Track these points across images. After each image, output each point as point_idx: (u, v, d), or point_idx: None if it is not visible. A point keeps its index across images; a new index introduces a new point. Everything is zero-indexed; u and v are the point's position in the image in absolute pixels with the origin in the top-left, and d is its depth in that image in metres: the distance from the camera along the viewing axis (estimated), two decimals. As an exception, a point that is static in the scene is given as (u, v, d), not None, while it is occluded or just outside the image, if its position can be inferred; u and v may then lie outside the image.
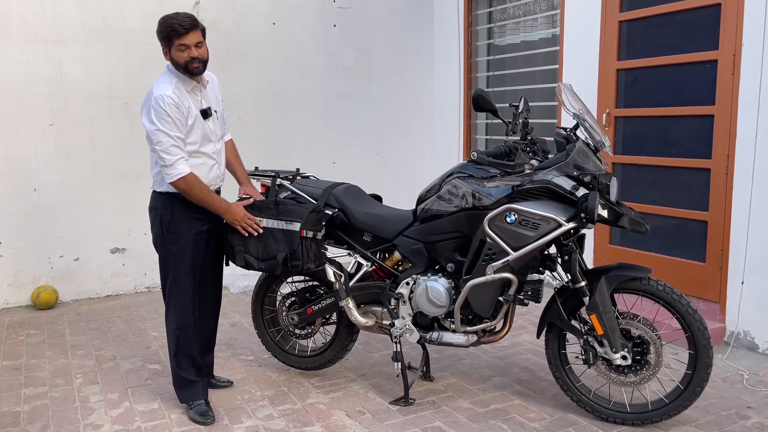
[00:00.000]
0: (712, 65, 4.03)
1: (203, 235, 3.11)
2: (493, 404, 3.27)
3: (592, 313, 2.91)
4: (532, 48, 5.52)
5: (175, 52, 2.90)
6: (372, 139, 6.26)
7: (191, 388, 3.19)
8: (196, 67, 2.93)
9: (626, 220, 2.85)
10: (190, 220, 3.05)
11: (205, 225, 3.11)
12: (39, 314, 4.85)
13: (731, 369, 3.66)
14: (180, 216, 3.04)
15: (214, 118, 3.08)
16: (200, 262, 3.13)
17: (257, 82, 5.68)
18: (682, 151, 4.29)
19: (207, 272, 3.26)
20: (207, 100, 3.08)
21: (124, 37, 5.12)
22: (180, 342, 3.16)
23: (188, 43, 2.88)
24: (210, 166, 3.07)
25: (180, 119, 2.89)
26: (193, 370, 3.19)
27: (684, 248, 4.29)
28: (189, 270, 3.10)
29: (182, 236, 3.06)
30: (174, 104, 2.87)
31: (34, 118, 4.93)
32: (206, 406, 3.17)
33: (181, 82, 2.96)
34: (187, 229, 3.06)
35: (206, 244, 3.15)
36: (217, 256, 3.29)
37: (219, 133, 3.15)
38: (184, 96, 2.95)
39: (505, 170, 2.98)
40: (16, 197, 4.93)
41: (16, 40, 4.82)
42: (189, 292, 3.12)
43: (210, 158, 3.06)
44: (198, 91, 3.03)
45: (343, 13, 6.00)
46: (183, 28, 2.85)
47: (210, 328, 3.43)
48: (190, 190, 2.94)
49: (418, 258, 3.23)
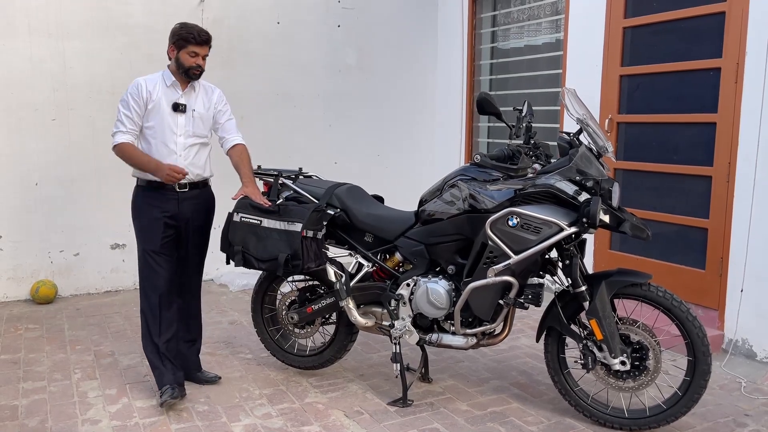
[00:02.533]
0: (716, 73, 4.05)
1: (159, 222, 3.24)
2: (491, 407, 3.28)
3: (591, 318, 2.91)
4: (536, 52, 5.53)
5: (184, 55, 3.20)
6: (374, 139, 6.26)
7: (157, 372, 3.29)
8: (196, 73, 3.25)
9: (627, 226, 2.86)
10: (146, 206, 3.28)
11: (161, 213, 3.25)
12: (38, 308, 4.84)
13: (729, 376, 3.67)
14: (140, 201, 3.31)
15: (189, 117, 3.27)
16: (156, 248, 3.25)
17: (260, 80, 5.68)
18: (684, 158, 4.30)
19: (183, 266, 3.40)
20: (189, 100, 3.28)
21: (127, 32, 5.12)
22: (143, 324, 3.34)
23: (199, 52, 3.22)
24: (164, 157, 3.21)
25: (137, 101, 3.19)
26: (157, 355, 3.29)
27: (684, 255, 4.30)
28: (144, 255, 3.28)
29: (141, 221, 3.31)
30: (136, 88, 3.20)
31: (37, 112, 4.93)
32: (172, 390, 3.20)
33: (164, 77, 3.26)
34: (145, 214, 3.28)
35: (164, 234, 3.26)
36: (195, 250, 3.43)
37: (192, 130, 3.28)
38: (158, 87, 3.23)
39: (508, 174, 2.99)
40: (17, 191, 4.93)
41: (20, 33, 4.82)
42: (149, 277, 3.28)
43: (167, 149, 3.22)
44: (177, 87, 3.26)
45: (347, 14, 6.01)
46: (201, 39, 3.21)
47: (189, 320, 3.51)
48: (122, 156, 3.22)
49: (419, 259, 3.24)
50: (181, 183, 3.26)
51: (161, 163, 3.17)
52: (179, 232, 3.32)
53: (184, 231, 3.33)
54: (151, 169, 3.17)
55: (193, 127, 3.28)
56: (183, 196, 3.28)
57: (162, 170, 3.14)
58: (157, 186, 3.24)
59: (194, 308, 3.55)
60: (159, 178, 3.16)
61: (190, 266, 3.44)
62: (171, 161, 3.21)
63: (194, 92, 3.31)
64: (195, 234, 3.38)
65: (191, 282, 3.48)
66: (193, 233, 3.37)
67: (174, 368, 3.30)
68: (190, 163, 3.27)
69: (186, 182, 3.27)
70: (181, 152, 3.25)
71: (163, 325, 3.29)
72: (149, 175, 3.22)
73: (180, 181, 3.19)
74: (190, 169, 3.27)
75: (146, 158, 3.20)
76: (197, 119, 3.30)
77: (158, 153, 3.21)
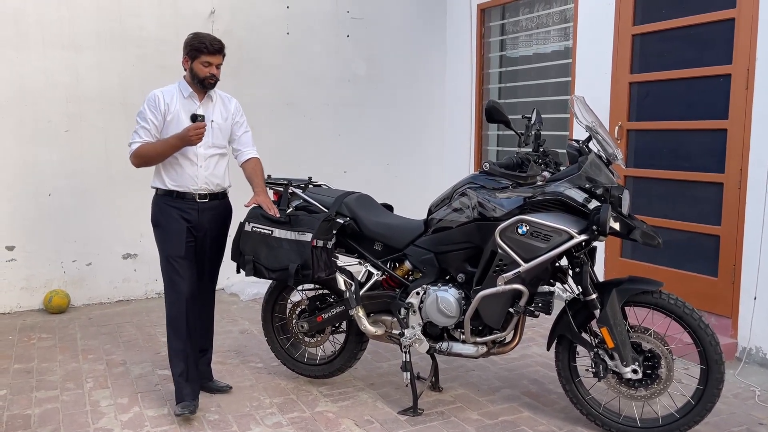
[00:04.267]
0: (726, 79, 4.03)
1: (182, 227, 3.24)
2: (502, 416, 3.26)
3: (602, 326, 2.90)
4: (545, 60, 5.54)
5: (198, 65, 3.23)
6: (383, 148, 6.28)
7: (179, 386, 3.28)
8: (211, 82, 3.27)
9: (638, 233, 2.84)
10: (167, 215, 3.26)
11: (184, 221, 3.25)
12: (51, 318, 4.88)
13: (743, 385, 3.63)
14: (160, 209, 3.30)
15: (208, 127, 3.26)
16: (181, 254, 3.24)
17: (270, 90, 5.72)
18: (695, 164, 4.28)
19: (201, 276, 3.40)
20: (207, 111, 3.29)
21: (139, 44, 5.18)
22: (169, 332, 3.32)
23: (212, 61, 3.24)
24: (184, 167, 3.23)
25: (155, 113, 3.20)
26: (181, 365, 3.27)
27: (696, 262, 4.27)
28: (167, 263, 3.27)
29: (164, 227, 3.28)
30: (153, 100, 3.21)
31: (50, 123, 4.99)
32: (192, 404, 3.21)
33: (180, 88, 3.29)
34: (166, 223, 3.27)
35: (188, 239, 3.26)
36: (211, 261, 3.43)
37: (212, 141, 3.29)
38: (176, 98, 3.25)
39: (517, 181, 2.99)
40: (31, 202, 4.99)
41: (33, 46, 4.88)
42: (174, 283, 3.26)
43: (187, 159, 3.23)
44: (194, 98, 3.28)
45: (356, 24, 6.05)
46: (214, 48, 3.23)
47: (202, 329, 3.50)
48: (141, 157, 3.21)
49: (428, 268, 3.24)
50: (201, 193, 3.27)
51: (178, 133, 3.13)
52: (197, 242, 3.33)
53: (201, 241, 3.34)
54: (173, 143, 3.13)
55: (213, 138, 3.30)
56: (203, 206, 3.29)
57: (185, 136, 3.09)
58: (177, 195, 3.25)
59: (207, 319, 3.56)
60: (186, 143, 3.11)
61: (204, 276, 3.44)
62: (192, 173, 3.23)
63: (212, 102, 3.33)
64: (212, 244, 3.40)
65: (206, 292, 3.49)
66: (210, 244, 3.38)
67: (194, 379, 3.30)
68: (210, 174, 3.29)
69: (206, 192, 3.29)
70: (202, 163, 3.26)
71: (191, 332, 3.29)
72: (168, 183, 3.24)
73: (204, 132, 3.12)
74: (211, 180, 3.29)
75: (163, 141, 3.18)
76: (216, 130, 3.32)
77: (179, 165, 3.22)
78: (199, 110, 3.26)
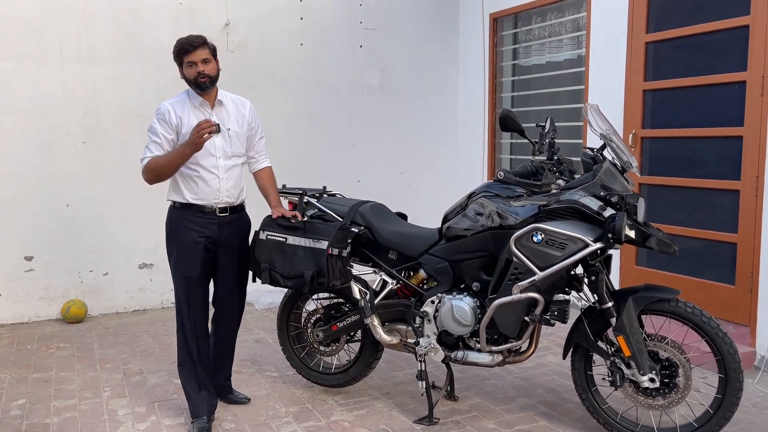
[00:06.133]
0: (741, 86, 4.01)
1: (198, 246, 3.15)
2: (518, 425, 3.24)
3: (619, 335, 2.88)
4: (558, 69, 5.54)
5: (186, 69, 3.11)
6: (397, 157, 6.30)
7: (191, 402, 3.23)
8: (203, 81, 3.09)
9: (654, 241, 2.83)
10: (183, 229, 3.16)
11: (201, 237, 3.14)
12: (68, 328, 4.93)
13: (762, 394, 3.59)
14: (175, 225, 3.19)
15: (225, 136, 3.16)
16: (195, 274, 3.16)
17: (285, 101, 5.76)
18: (711, 172, 4.25)
19: (222, 291, 3.34)
20: (221, 119, 3.16)
21: (155, 56, 5.25)
22: (180, 352, 3.27)
23: (195, 60, 3.07)
24: (206, 180, 3.12)
25: (166, 127, 3.09)
26: (195, 384, 3.23)
27: (713, 270, 4.24)
28: (182, 280, 3.19)
29: (176, 245, 3.19)
30: (164, 114, 3.10)
31: (68, 135, 5.06)
32: (207, 423, 3.17)
33: (189, 99, 3.17)
34: (181, 239, 3.17)
35: (204, 258, 3.17)
36: (234, 276, 3.34)
37: (231, 150, 3.18)
38: (187, 110, 3.13)
39: (532, 190, 2.98)
40: (49, 212, 5.05)
41: (52, 60, 4.97)
42: (187, 303, 3.19)
43: (208, 172, 3.12)
44: (206, 107, 3.16)
45: (369, 34, 6.09)
46: (191, 46, 3.07)
47: (224, 347, 3.47)
48: (152, 171, 3.09)
49: (443, 276, 3.24)
50: (221, 207, 3.17)
51: (186, 140, 2.99)
52: (217, 256, 3.24)
53: (222, 255, 3.25)
54: (183, 152, 2.99)
55: (231, 147, 3.18)
56: (223, 220, 3.19)
57: (192, 140, 2.93)
58: (197, 209, 3.14)
59: (231, 334, 3.50)
60: (195, 148, 2.95)
61: (229, 290, 3.36)
62: (215, 186, 3.12)
63: (224, 108, 3.20)
64: (234, 259, 3.29)
65: (231, 307, 3.42)
66: (232, 259, 3.28)
67: (209, 396, 3.27)
68: (232, 186, 3.18)
69: (226, 206, 3.19)
70: (224, 175, 3.14)
71: (202, 350, 3.25)
72: (187, 197, 3.12)
73: (213, 128, 2.93)
74: (232, 192, 3.17)
75: (171, 153, 3.05)
76: (234, 138, 3.19)
77: (201, 178, 3.11)
78: (213, 118, 3.09)
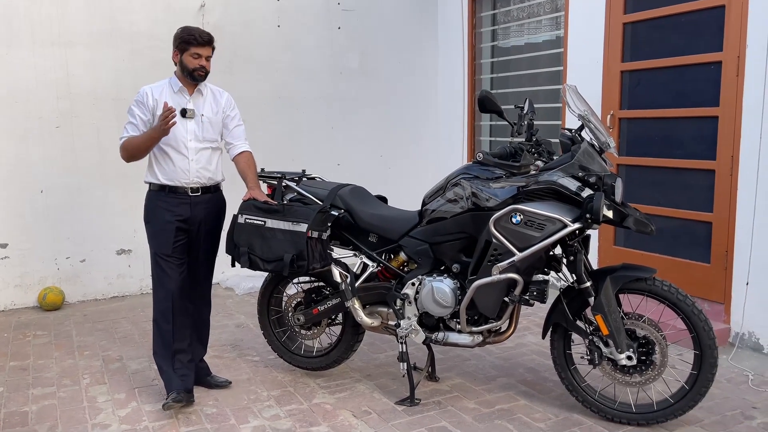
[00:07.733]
0: (717, 67, 4.05)
1: (171, 226, 3.26)
2: (498, 404, 3.28)
3: (597, 314, 2.92)
4: (536, 50, 5.54)
5: (188, 57, 3.24)
6: (376, 140, 6.28)
7: (166, 376, 3.29)
8: (201, 74, 3.27)
9: (631, 221, 2.86)
10: (159, 210, 3.28)
11: (174, 217, 3.26)
12: (46, 315, 4.87)
13: (736, 370, 3.67)
14: (152, 206, 3.32)
15: (198, 121, 3.29)
16: (168, 252, 3.26)
17: (262, 84, 5.70)
18: (687, 152, 4.30)
19: (197, 271, 3.42)
20: (197, 104, 3.31)
21: (130, 39, 5.15)
22: (154, 329, 3.34)
23: (202, 53, 3.25)
24: (175, 161, 3.24)
25: (143, 109, 3.24)
26: (168, 360, 3.29)
27: (688, 249, 4.30)
28: (156, 258, 3.29)
29: (153, 225, 3.32)
30: (142, 96, 3.25)
31: (41, 120, 4.96)
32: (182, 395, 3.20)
33: (170, 84, 3.30)
34: (157, 218, 3.29)
35: (177, 237, 3.27)
36: (206, 252, 3.43)
37: (202, 135, 3.30)
38: (165, 93, 3.26)
39: (511, 171, 3.00)
40: (23, 199, 4.97)
41: (24, 43, 4.85)
42: (161, 280, 3.29)
43: (178, 153, 3.25)
44: (185, 93, 3.29)
45: (347, 16, 6.03)
46: (202, 40, 3.24)
47: (199, 325, 3.51)
48: (127, 151, 3.26)
49: (423, 259, 3.25)
50: (194, 187, 3.29)
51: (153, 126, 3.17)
52: (191, 237, 3.34)
53: (195, 235, 3.35)
54: (151, 135, 3.16)
55: (203, 132, 3.31)
56: (195, 200, 3.30)
57: (158, 126, 3.11)
58: (170, 190, 3.26)
59: (205, 314, 3.56)
60: (162, 133, 3.12)
61: (200, 271, 3.45)
62: (184, 166, 3.25)
63: (202, 96, 3.34)
64: (206, 238, 3.40)
65: (202, 287, 3.50)
66: (204, 238, 3.39)
67: (184, 375, 3.29)
68: (202, 167, 3.30)
69: (198, 186, 3.30)
70: (193, 156, 3.27)
71: (177, 329, 3.29)
72: (162, 179, 3.25)
73: (174, 115, 3.10)
74: (202, 173, 3.29)
75: (141, 135, 3.20)
76: (206, 124, 3.32)
77: (170, 159, 3.24)
78: (188, 105, 3.27)
